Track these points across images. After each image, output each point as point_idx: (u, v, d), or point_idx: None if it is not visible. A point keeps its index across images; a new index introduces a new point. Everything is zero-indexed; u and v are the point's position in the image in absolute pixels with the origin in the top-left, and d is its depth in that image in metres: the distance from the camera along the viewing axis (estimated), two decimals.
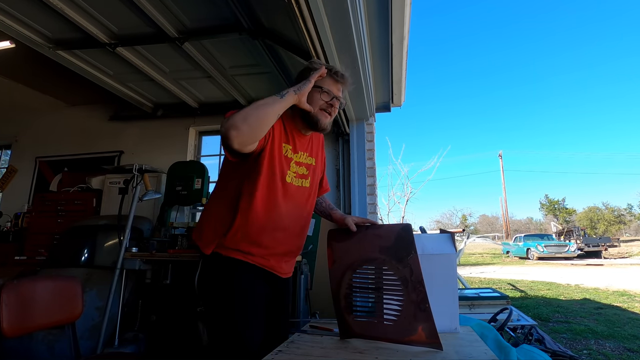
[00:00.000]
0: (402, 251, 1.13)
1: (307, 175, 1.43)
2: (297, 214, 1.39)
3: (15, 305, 1.46)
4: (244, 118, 1.11)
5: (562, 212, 32.01)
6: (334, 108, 1.37)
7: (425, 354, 0.99)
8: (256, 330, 1.24)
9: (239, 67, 3.12)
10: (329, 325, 1.34)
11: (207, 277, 1.30)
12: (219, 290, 1.26)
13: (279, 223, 1.32)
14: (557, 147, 75.35)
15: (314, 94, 1.33)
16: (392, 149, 27.80)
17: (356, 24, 1.96)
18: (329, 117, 1.37)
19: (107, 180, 3.68)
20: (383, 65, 3.02)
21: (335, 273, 1.22)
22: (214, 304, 1.26)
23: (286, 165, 1.34)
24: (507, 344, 1.36)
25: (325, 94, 1.34)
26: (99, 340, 2.43)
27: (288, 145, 1.35)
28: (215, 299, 1.26)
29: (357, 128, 3.36)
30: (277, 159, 1.30)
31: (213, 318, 1.26)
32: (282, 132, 1.34)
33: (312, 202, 1.49)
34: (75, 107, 4.50)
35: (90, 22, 2.57)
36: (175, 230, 2.93)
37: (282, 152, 1.32)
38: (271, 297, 1.37)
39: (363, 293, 1.17)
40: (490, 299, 2.18)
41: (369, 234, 1.24)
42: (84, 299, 1.76)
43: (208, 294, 1.28)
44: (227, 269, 1.27)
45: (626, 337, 3.67)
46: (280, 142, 1.32)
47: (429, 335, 1.03)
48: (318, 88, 1.33)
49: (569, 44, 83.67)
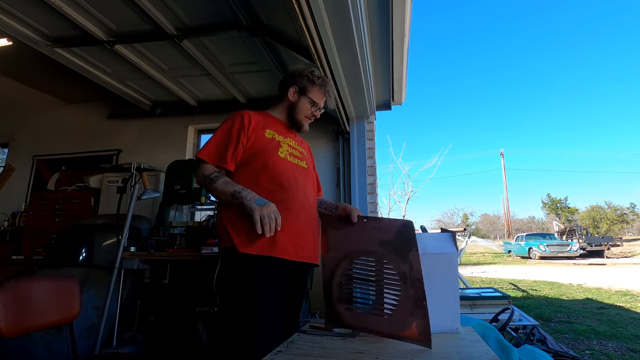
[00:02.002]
0: (402, 247, 1.12)
1: (301, 157, 1.52)
2: (302, 192, 1.43)
3: (13, 305, 1.44)
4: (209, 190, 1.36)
5: (565, 211, 32.06)
6: (316, 116, 1.59)
7: (426, 354, 0.97)
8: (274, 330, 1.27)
9: (239, 64, 3.11)
10: None
11: (230, 275, 1.32)
12: (243, 287, 1.27)
13: (288, 202, 1.36)
14: (559, 145, 75.59)
15: (305, 104, 1.53)
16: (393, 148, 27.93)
17: (356, 21, 1.94)
18: (309, 122, 1.59)
19: (105, 179, 3.66)
20: (384, 62, 3.00)
21: (330, 261, 1.23)
22: (237, 301, 1.27)
23: (275, 144, 1.43)
24: (508, 344, 1.34)
25: (315, 106, 1.55)
26: (97, 340, 2.41)
27: (273, 132, 1.46)
28: (239, 297, 1.27)
29: (358, 126, 3.34)
30: (262, 142, 1.41)
31: (233, 315, 1.27)
32: (266, 123, 1.46)
33: (313, 185, 1.56)
34: (73, 105, 4.47)
35: (88, 20, 2.55)
36: (174, 229, 2.92)
37: (265, 136, 1.43)
38: (290, 291, 1.41)
39: (362, 284, 1.16)
40: (492, 298, 2.17)
41: (367, 226, 1.24)
42: (81, 299, 1.75)
43: (230, 291, 1.31)
44: (249, 265, 1.28)
45: (629, 337, 3.65)
46: (264, 130, 1.43)
47: (422, 332, 1.03)
48: (310, 101, 1.53)
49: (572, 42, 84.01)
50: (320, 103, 1.56)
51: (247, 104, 3.77)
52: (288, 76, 1.59)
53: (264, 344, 1.17)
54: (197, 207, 3.51)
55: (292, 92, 1.54)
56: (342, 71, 2.39)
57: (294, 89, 1.54)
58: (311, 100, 1.53)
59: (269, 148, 1.41)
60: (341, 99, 2.82)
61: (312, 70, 1.56)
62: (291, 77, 1.57)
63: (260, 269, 1.27)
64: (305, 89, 1.53)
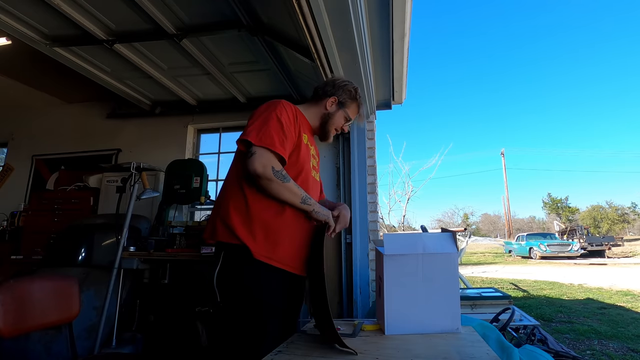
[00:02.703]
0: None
1: (317, 168, 1.53)
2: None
3: (12, 305, 1.44)
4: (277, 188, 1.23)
5: (565, 210, 32.01)
6: (344, 130, 1.59)
7: (427, 355, 0.97)
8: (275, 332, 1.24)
9: (238, 64, 3.09)
10: None
11: (231, 274, 1.27)
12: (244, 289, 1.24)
13: (304, 222, 1.34)
14: (560, 144, 75.45)
15: (341, 118, 1.52)
16: (393, 147, 27.97)
17: (357, 20, 1.94)
18: (336, 133, 1.58)
19: (104, 179, 3.65)
20: (384, 62, 2.99)
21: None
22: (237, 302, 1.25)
23: (307, 154, 1.41)
24: (509, 345, 1.33)
25: (347, 122, 1.55)
26: (96, 340, 2.41)
27: (305, 134, 1.42)
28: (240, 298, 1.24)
29: (358, 126, 3.33)
30: (302, 148, 1.37)
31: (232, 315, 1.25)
32: (301, 123, 1.41)
33: (318, 197, 1.55)
34: (72, 104, 4.46)
35: (87, 19, 2.53)
36: (174, 229, 2.92)
37: (303, 142, 1.39)
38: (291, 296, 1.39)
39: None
40: (492, 298, 2.16)
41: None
42: (81, 299, 1.75)
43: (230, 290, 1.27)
44: (255, 270, 1.24)
45: (630, 337, 3.64)
46: (302, 132, 1.39)
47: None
48: (346, 116, 1.53)
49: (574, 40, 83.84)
50: (353, 120, 1.58)
51: (247, 104, 3.76)
52: (331, 84, 1.54)
53: (269, 342, 1.16)
54: (197, 207, 3.50)
55: (331, 102, 1.51)
56: (342, 70, 2.39)
57: (334, 100, 1.51)
58: (347, 116, 1.53)
59: (306, 158, 1.38)
60: None
61: (356, 87, 1.56)
62: (334, 87, 1.53)
63: (270, 279, 1.25)
64: (345, 103, 1.52)
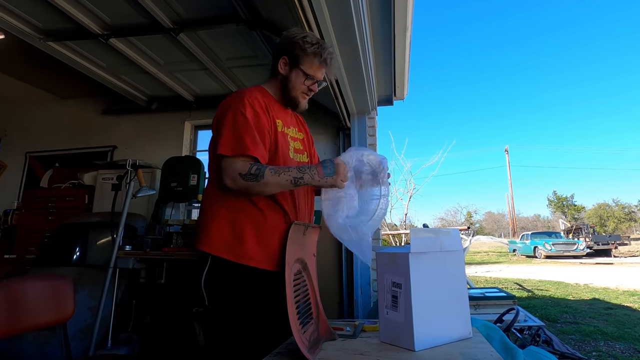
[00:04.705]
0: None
1: (302, 150, 1.39)
2: (306, 198, 1.34)
3: (4, 305, 1.41)
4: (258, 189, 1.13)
5: (571, 209, 31.96)
6: (313, 91, 1.35)
7: (430, 356, 0.95)
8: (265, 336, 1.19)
9: (236, 58, 3.05)
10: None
11: (219, 279, 1.24)
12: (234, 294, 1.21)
13: (291, 215, 1.26)
14: (566, 142, 75.41)
15: (299, 79, 1.30)
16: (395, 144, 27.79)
17: (357, 13, 1.90)
18: (307, 98, 1.36)
19: (99, 176, 3.61)
20: (385, 56, 2.97)
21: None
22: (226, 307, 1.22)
23: (285, 142, 1.28)
24: (513, 346, 1.31)
25: (310, 80, 1.31)
26: (91, 341, 2.38)
27: (279, 120, 1.29)
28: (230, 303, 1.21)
29: (359, 122, 3.30)
30: (280, 140, 1.26)
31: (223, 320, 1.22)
32: (273, 107, 1.28)
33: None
34: (67, 100, 4.40)
35: (82, 12, 2.49)
36: (171, 227, 2.88)
37: (278, 129, 1.27)
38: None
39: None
40: (497, 299, 2.14)
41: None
42: (75, 299, 1.71)
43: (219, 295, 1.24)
44: (242, 274, 1.20)
45: (637, 338, 3.61)
46: (275, 119, 1.26)
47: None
48: (303, 74, 1.29)
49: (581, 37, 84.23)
50: (317, 75, 1.31)
51: None
52: (279, 43, 1.34)
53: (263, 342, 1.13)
54: (194, 205, 3.47)
55: (282, 63, 1.30)
56: (342, 65, 2.35)
57: (284, 60, 1.30)
58: (304, 73, 1.28)
59: (284, 147, 1.27)
60: (342, 94, 2.78)
61: (304, 36, 1.28)
62: (281, 45, 1.32)
63: (259, 280, 1.21)
64: (297, 59, 1.28)
